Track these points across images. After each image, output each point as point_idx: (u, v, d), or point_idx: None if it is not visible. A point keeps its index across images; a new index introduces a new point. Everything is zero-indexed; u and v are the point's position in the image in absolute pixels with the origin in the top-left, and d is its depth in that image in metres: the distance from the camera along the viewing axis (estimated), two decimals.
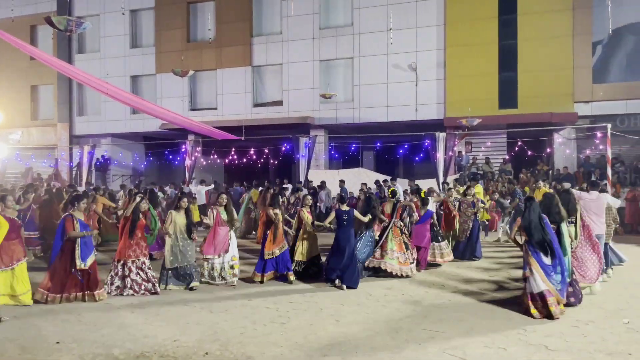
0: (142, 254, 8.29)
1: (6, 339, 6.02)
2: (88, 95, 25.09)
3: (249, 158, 21.89)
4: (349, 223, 8.75)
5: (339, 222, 8.77)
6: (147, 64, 23.86)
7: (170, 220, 8.56)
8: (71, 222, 7.58)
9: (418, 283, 8.97)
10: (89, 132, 24.87)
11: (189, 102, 23.28)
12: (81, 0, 24.66)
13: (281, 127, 21.21)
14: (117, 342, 5.91)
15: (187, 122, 18.31)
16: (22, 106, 25.81)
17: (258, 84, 22.72)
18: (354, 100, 20.90)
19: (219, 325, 6.58)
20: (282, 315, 6.98)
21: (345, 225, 8.74)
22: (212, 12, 22.72)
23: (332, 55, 21.26)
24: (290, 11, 20.87)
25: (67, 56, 24.50)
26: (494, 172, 18.69)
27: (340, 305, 7.50)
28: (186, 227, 8.62)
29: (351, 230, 8.85)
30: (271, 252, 8.94)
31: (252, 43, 22.27)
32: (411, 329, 6.36)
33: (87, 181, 20.42)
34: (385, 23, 19.87)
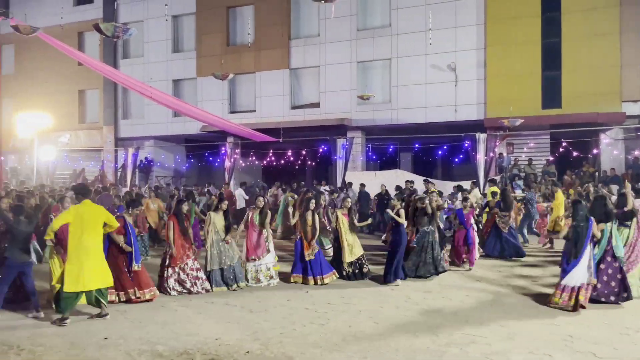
0: (186, 255, 8.48)
1: (56, 334, 6.28)
2: (132, 99, 25.85)
3: (286, 160, 22.07)
4: (401, 223, 9.13)
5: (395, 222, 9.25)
6: (188, 68, 24.40)
7: (209, 221, 8.73)
8: (122, 223, 7.82)
9: (458, 286, 8.84)
10: (133, 134, 25.61)
11: (228, 104, 23.66)
12: (126, 7, 25.46)
13: (318, 129, 21.28)
14: (161, 340, 6.08)
15: (226, 125, 18.66)
16: (70, 110, 26.82)
17: (295, 86, 22.89)
18: (391, 101, 20.77)
19: (259, 325, 6.67)
20: (321, 317, 7.02)
21: (398, 224, 9.14)
22: (251, 16, 23.03)
23: (370, 57, 21.19)
24: (327, 13, 20.94)
25: (113, 61, 25.31)
26: (536, 173, 18.20)
27: (379, 308, 7.48)
28: (225, 228, 8.78)
29: (402, 229, 9.15)
30: (310, 253, 9.05)
31: (290, 46, 22.44)
32: (452, 333, 6.27)
33: (132, 182, 21.06)
34: (424, 23, 19.66)
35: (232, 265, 8.71)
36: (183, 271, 8.38)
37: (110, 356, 5.58)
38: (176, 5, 24.02)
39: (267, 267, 8.99)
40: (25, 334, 6.29)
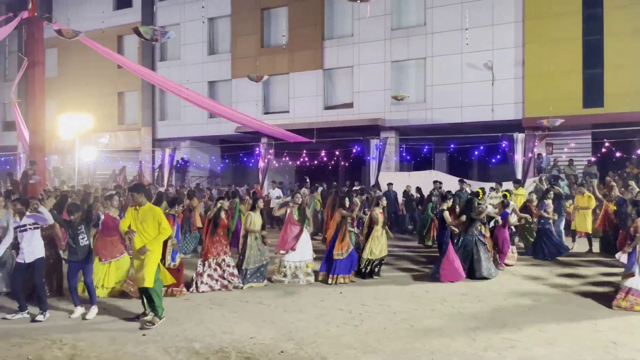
0: (223, 252, 8.65)
1: (98, 330, 6.46)
2: (169, 101, 26.39)
3: (319, 160, 22.11)
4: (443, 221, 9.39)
5: (440, 222, 9.48)
6: (223, 70, 24.74)
7: (250, 221, 8.87)
8: (172, 221, 7.99)
9: (495, 289, 8.65)
10: (170, 135, 26.14)
11: (262, 105, 23.87)
12: (163, 10, 26.02)
13: (352, 129, 21.22)
14: (197, 337, 6.18)
15: (260, 125, 18.83)
16: (110, 111, 27.59)
17: (329, 87, 22.90)
18: (426, 101, 20.53)
19: (293, 324, 6.69)
20: (355, 318, 6.99)
21: (444, 224, 9.38)
22: (285, 17, 23.17)
23: (404, 56, 21.01)
24: (361, 13, 20.87)
25: (151, 64, 25.90)
26: (577, 174, 17.66)
27: (413, 310, 7.39)
28: (261, 227, 8.92)
29: (446, 230, 9.35)
30: (340, 253, 9.08)
31: (324, 46, 22.47)
32: (490, 337, 6.14)
33: (169, 182, 21.50)
34: (460, 22, 19.36)
35: (265, 264, 8.93)
36: (219, 267, 8.56)
37: (148, 352, 5.70)
38: (212, 8, 24.40)
39: (306, 265, 9.13)
40: (68, 328, 6.50)
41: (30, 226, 7.00)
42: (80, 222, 7.10)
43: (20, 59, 21.50)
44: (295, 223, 9.22)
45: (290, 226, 9.19)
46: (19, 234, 7.02)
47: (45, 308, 6.90)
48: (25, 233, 6.96)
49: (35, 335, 6.21)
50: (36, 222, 7.06)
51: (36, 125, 14.48)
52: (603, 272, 10.05)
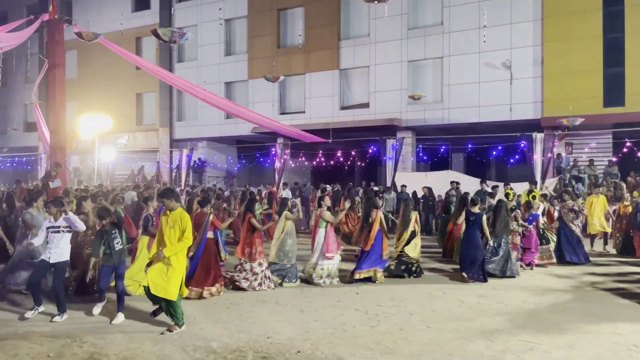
0: (258, 253, 8.69)
1: (117, 329, 6.53)
2: (186, 102, 26.63)
3: (335, 160, 22.10)
4: (474, 224, 9.33)
5: (466, 223, 9.40)
6: (239, 71, 24.88)
7: (282, 221, 8.97)
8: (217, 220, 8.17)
9: (515, 291, 8.55)
10: (187, 136, 26.37)
11: (278, 106, 23.95)
12: (181, 12, 26.25)
13: (368, 129, 21.19)
14: (214, 336, 6.21)
15: (276, 126, 18.89)
16: (128, 112, 27.93)
17: (345, 87, 22.88)
18: (443, 100, 20.39)
19: (310, 324, 6.69)
20: (372, 318, 6.96)
21: (471, 226, 9.34)
22: (301, 17, 23.21)
23: (421, 56, 20.90)
24: (378, 13, 20.83)
25: (168, 65, 26.15)
26: (597, 175, 17.37)
27: (431, 312, 7.34)
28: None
29: (477, 232, 9.34)
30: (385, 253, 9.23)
31: (340, 46, 22.46)
32: (507, 339, 6.07)
33: (186, 182, 21.68)
34: (478, 20, 19.19)
35: (294, 264, 9.04)
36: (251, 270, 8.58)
37: (166, 351, 5.75)
38: (229, 9, 24.55)
39: (334, 265, 9.16)
40: (88, 327, 6.59)
41: (64, 229, 7.02)
42: (113, 227, 7.13)
43: (41, 61, 21.86)
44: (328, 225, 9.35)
45: (318, 229, 9.29)
46: (50, 234, 7.04)
47: (63, 309, 6.95)
48: (56, 234, 6.98)
49: (56, 333, 6.30)
50: (70, 226, 7.09)
51: (57, 126, 14.69)
52: (625, 271, 9.89)
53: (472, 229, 9.38)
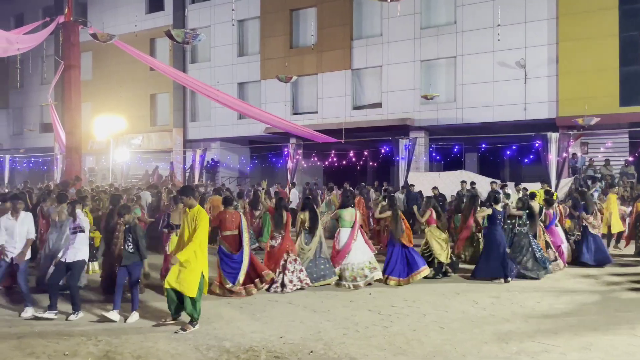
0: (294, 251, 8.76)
1: (132, 328, 6.59)
2: (200, 102, 26.79)
3: (348, 160, 22.08)
4: (500, 222, 9.29)
5: (492, 221, 9.31)
6: (252, 71, 24.96)
7: (300, 220, 9.01)
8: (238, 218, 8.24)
9: (529, 292, 8.47)
10: (200, 136, 26.53)
11: (291, 106, 23.98)
12: (194, 13, 26.42)
13: (380, 129, 21.13)
14: (227, 336, 6.24)
15: (289, 126, 18.93)
16: (142, 113, 28.16)
17: (357, 87, 22.85)
18: (456, 100, 20.27)
19: (322, 325, 6.69)
20: (384, 319, 6.94)
21: (497, 224, 9.28)
22: (313, 17, 23.22)
23: (434, 55, 20.79)
24: (390, 13, 20.78)
25: (182, 66, 26.34)
26: (613, 175, 17.14)
27: (444, 312, 7.30)
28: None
29: (500, 229, 9.30)
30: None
31: (352, 46, 22.42)
32: (522, 341, 6.02)
33: (199, 182, 21.80)
34: (492, 19, 19.04)
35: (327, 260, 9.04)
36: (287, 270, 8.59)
37: (180, 349, 5.79)
38: (241, 10, 24.64)
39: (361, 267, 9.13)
40: (103, 326, 6.65)
41: (79, 229, 7.17)
42: (130, 229, 7.10)
43: (57, 63, 22.14)
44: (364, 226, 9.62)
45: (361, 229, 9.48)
46: (71, 235, 7.15)
47: (78, 308, 7.02)
48: (76, 235, 7.10)
49: (71, 332, 6.38)
50: (82, 226, 7.23)
51: (72, 127, 14.89)
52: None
53: (499, 228, 9.34)
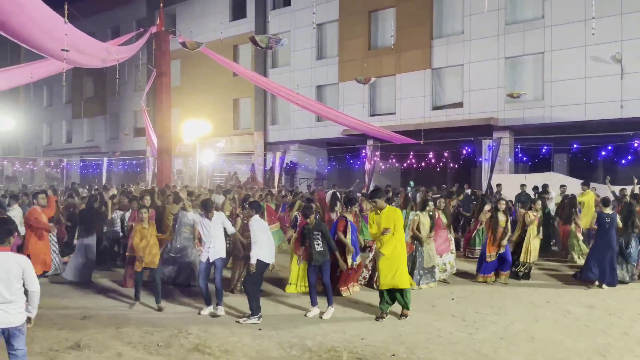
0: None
1: (219, 323, 6.86)
2: (279, 106, 27.43)
3: (427, 162, 21.63)
4: (610, 226, 8.91)
5: (600, 224, 8.98)
6: (330, 74, 25.18)
7: (417, 222, 8.94)
8: (343, 223, 8.20)
9: (628, 301, 7.85)
10: (280, 139, 27.15)
11: (368, 107, 23.91)
12: (275, 18, 27.10)
13: (462, 130, 20.49)
14: (309, 335, 6.32)
15: (367, 128, 18.88)
16: (226, 117, 29.29)
17: (437, 87, 22.33)
18: (544, 98, 19.22)
19: (403, 328, 6.61)
20: (469, 326, 6.72)
21: (607, 227, 8.91)
22: (392, 18, 23.01)
23: (520, 52, 19.86)
24: (472, 10, 20.15)
25: (263, 71, 27.10)
26: None
27: (533, 321, 6.94)
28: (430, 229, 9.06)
29: (612, 233, 8.96)
30: (490, 255, 9.14)
31: (432, 45, 21.96)
32: (621, 355, 5.59)
33: (279, 184, 22.34)
34: (583, 12, 17.88)
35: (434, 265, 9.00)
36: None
37: (264, 346, 5.95)
38: (320, 14, 24.94)
39: (444, 263, 9.34)
40: (193, 319, 6.99)
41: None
42: (317, 228, 7.18)
43: (149, 70, 23.61)
44: (443, 227, 9.50)
45: (439, 230, 9.38)
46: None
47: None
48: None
49: (164, 324, 6.76)
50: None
51: (163, 131, 15.79)
52: None
53: (609, 231, 8.90)
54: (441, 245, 9.35)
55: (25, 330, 4.33)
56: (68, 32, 8.70)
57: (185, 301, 8.00)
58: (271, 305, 7.67)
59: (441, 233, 9.44)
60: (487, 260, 9.20)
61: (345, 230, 8.10)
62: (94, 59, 12.80)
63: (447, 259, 9.46)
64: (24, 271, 4.21)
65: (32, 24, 8.29)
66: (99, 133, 37.15)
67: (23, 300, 4.27)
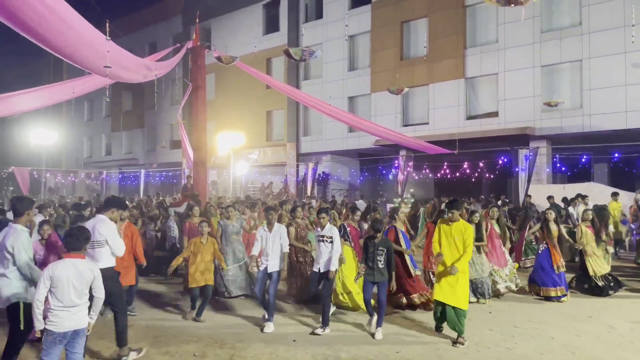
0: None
1: (254, 333, 6.91)
2: (311, 117, 27.61)
3: (461, 172, 21.33)
4: None
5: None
6: (362, 85, 25.22)
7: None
8: (393, 233, 8.17)
9: None
10: (312, 150, 27.28)
11: (401, 118, 23.82)
12: (307, 31, 27.37)
13: (497, 139, 20.16)
14: (344, 346, 6.30)
15: (399, 138, 18.80)
16: (259, 129, 29.66)
17: (471, 96, 22.08)
18: (582, 106, 18.75)
19: (440, 342, 6.51)
20: (507, 340, 6.57)
21: None
22: (425, 28, 22.93)
23: (556, 60, 19.45)
24: (507, 18, 19.89)
25: (296, 83, 27.37)
26: None
27: (575, 336, 6.73)
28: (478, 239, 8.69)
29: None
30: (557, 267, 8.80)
31: (466, 55, 21.76)
32: None
33: (311, 195, 22.42)
34: (622, 19, 17.42)
35: (482, 278, 8.58)
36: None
37: (298, 356, 5.96)
38: (352, 25, 25.08)
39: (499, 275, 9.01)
40: (228, 330, 7.06)
41: (328, 239, 7.15)
42: (385, 244, 6.93)
43: (185, 84, 24.17)
44: (497, 237, 9.21)
45: (494, 240, 9.13)
46: (319, 244, 7.28)
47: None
48: (322, 244, 7.21)
49: (201, 334, 6.85)
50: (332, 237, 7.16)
51: (199, 143, 16.09)
52: None
53: None
54: (495, 257, 9.01)
55: (86, 335, 4.57)
56: (110, 48, 9.02)
57: (221, 311, 8.09)
58: (304, 315, 7.68)
59: (497, 243, 9.10)
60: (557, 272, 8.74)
61: (398, 239, 8.02)
62: (135, 74, 13.20)
63: (501, 272, 9.02)
64: (94, 278, 4.50)
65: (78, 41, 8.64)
66: (137, 145, 38.15)
67: (87, 305, 4.52)
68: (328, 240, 7.12)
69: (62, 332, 4.35)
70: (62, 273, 4.35)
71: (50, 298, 4.35)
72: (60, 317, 4.34)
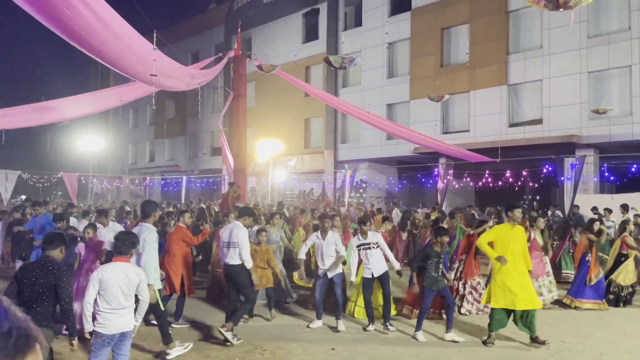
0: (477, 274, 8.55)
1: (293, 340, 6.92)
2: (349, 125, 27.61)
3: (504, 181, 20.83)
4: None
5: None
6: (401, 92, 25.05)
7: None
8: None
9: None
10: (350, 157, 27.25)
11: (441, 125, 23.50)
12: (346, 39, 27.45)
13: (541, 147, 19.61)
14: (382, 356, 6.24)
15: (439, 145, 18.54)
16: (297, 136, 29.87)
17: (514, 103, 21.58)
18: (632, 113, 18.03)
19: (483, 355, 6.35)
20: (554, 355, 6.35)
21: None
22: (466, 34, 22.61)
23: (604, 65, 18.81)
24: (552, 23, 19.40)
25: (334, 90, 27.45)
26: None
27: (626, 354, 6.44)
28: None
29: None
30: (589, 279, 8.63)
31: (508, 61, 21.31)
32: None
33: (348, 202, 22.37)
34: None
35: None
36: (475, 290, 8.45)
37: None
38: (392, 33, 24.98)
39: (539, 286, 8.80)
40: (268, 336, 7.10)
41: (374, 245, 7.40)
42: (446, 251, 7.21)
43: (226, 93, 24.61)
44: (537, 248, 9.03)
45: (533, 251, 8.86)
46: (363, 252, 7.44)
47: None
48: (369, 251, 7.39)
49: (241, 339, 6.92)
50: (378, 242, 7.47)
51: (239, 150, 16.36)
52: None
53: None
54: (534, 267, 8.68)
55: (131, 337, 4.70)
56: (156, 57, 9.30)
57: (260, 317, 8.14)
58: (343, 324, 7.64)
59: (535, 254, 8.78)
60: (588, 284, 8.61)
61: None
62: (179, 83, 13.56)
63: (543, 282, 8.85)
64: (140, 281, 4.63)
65: (126, 51, 8.94)
66: (179, 152, 39.08)
67: (133, 308, 4.66)
68: (375, 246, 7.39)
69: (110, 334, 4.47)
70: (110, 276, 4.49)
71: (99, 300, 4.49)
72: (109, 320, 4.47)
